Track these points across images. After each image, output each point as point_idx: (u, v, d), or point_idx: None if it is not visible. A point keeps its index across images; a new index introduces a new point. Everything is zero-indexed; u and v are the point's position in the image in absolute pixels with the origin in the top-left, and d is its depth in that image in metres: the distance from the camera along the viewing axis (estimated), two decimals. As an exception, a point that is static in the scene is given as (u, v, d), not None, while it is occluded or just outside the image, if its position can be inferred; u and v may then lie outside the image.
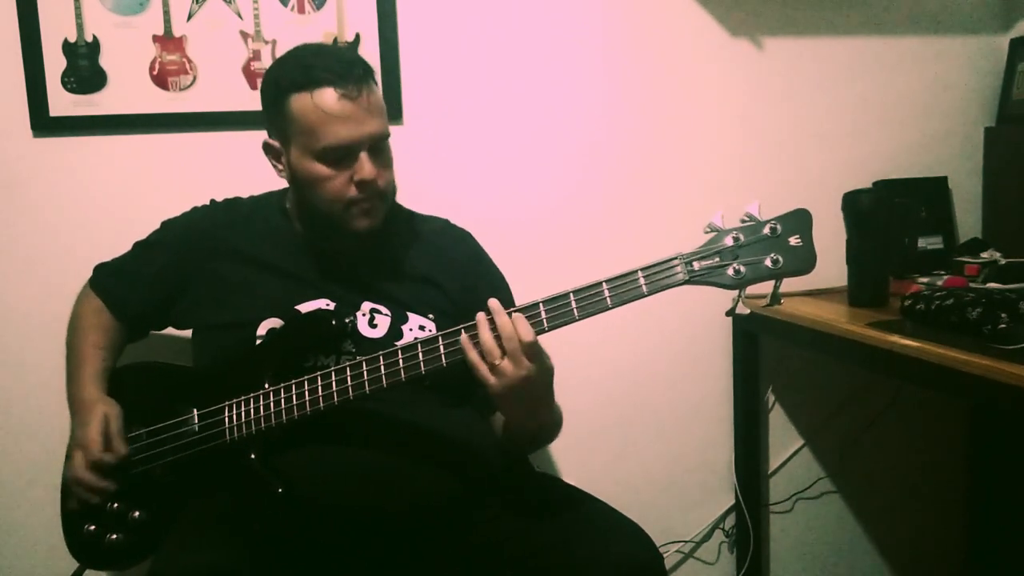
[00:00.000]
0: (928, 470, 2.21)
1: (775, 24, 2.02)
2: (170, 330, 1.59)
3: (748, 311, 1.93)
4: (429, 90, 1.89)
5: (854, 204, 1.77)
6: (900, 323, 1.60)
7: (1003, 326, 1.42)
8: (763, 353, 2.06)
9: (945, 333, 1.49)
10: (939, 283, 1.75)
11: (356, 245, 1.45)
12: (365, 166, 1.36)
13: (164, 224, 1.57)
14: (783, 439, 2.14)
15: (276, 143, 1.43)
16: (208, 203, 1.58)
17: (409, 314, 1.45)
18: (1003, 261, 1.79)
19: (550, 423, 1.43)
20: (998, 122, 2.12)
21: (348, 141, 1.35)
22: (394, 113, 1.81)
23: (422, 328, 1.44)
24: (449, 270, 1.52)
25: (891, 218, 1.80)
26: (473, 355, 1.23)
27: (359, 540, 1.34)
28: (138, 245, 1.57)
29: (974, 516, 2.22)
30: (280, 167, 1.45)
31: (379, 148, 1.40)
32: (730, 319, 2.03)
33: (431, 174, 1.85)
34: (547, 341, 1.25)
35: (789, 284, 1.22)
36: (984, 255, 1.83)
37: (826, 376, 2.12)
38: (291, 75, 1.38)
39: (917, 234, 2.05)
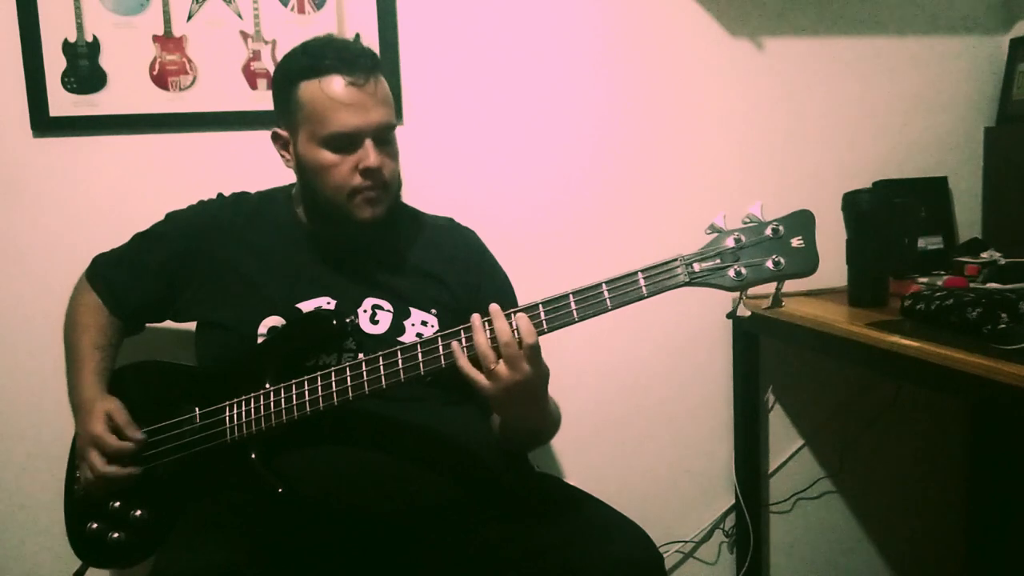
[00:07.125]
0: (928, 470, 2.21)
1: (775, 24, 2.02)
2: (173, 326, 1.59)
3: (749, 313, 1.92)
4: (429, 90, 1.89)
5: (854, 204, 1.77)
6: (900, 323, 1.60)
7: (1003, 326, 1.42)
8: (763, 353, 2.05)
9: (945, 333, 1.49)
10: (939, 283, 1.75)
11: (359, 236, 1.45)
12: (370, 154, 1.38)
13: (169, 216, 1.57)
14: (783, 439, 2.14)
15: (284, 132, 1.45)
16: (216, 197, 1.58)
17: (411, 309, 1.45)
18: (1003, 261, 1.79)
19: (546, 424, 1.43)
20: (998, 122, 2.12)
21: (354, 128, 1.37)
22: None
23: (424, 323, 1.44)
24: (453, 266, 1.52)
25: (891, 218, 1.80)
26: (463, 361, 1.23)
27: (359, 540, 1.34)
28: (140, 236, 1.57)
29: (974, 516, 2.22)
30: (288, 157, 1.47)
31: (385, 138, 1.41)
32: (731, 320, 2.04)
33: (431, 174, 1.85)
34: (547, 340, 1.25)
35: (789, 284, 1.22)
36: (984, 255, 1.83)
37: (826, 376, 2.12)
38: (301, 63, 1.41)
39: (917, 234, 2.04)
